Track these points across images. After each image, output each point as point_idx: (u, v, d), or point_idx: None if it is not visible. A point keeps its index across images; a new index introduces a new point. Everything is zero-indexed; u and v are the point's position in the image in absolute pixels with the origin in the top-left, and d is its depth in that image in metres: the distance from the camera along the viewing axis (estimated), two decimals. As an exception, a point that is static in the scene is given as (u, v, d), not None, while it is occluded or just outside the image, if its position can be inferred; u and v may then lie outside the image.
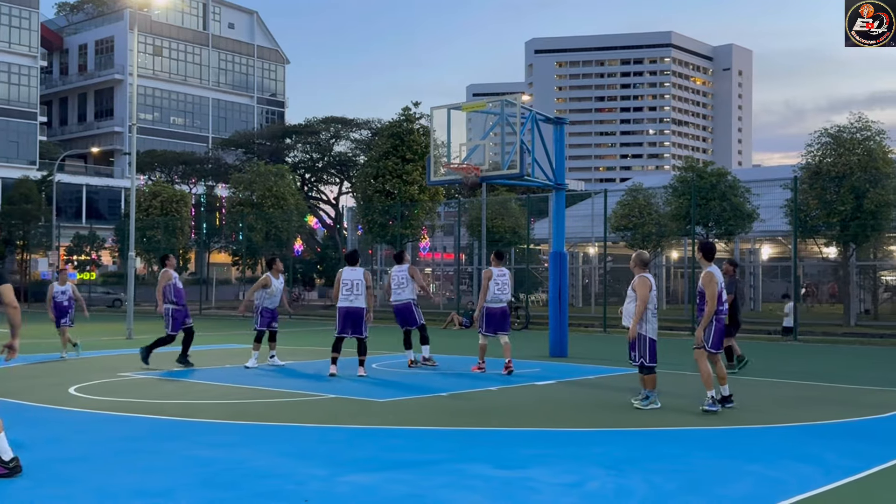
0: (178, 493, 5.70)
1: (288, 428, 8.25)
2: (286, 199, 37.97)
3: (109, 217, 62.11)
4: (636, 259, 9.78)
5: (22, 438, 7.70)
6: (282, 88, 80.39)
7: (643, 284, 9.43)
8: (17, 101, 62.21)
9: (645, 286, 9.40)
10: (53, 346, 17.15)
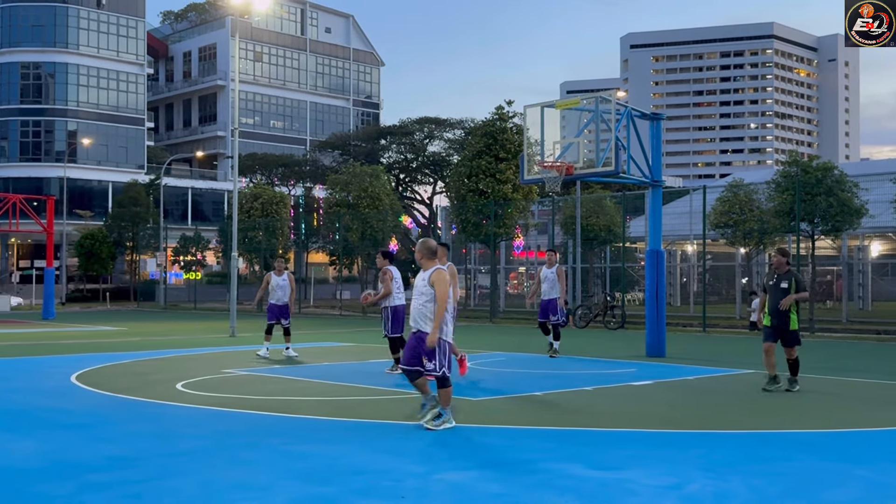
0: (277, 487, 5.84)
1: (384, 425, 8.36)
2: (381, 199, 38.43)
3: (213, 218, 64.20)
4: (423, 248, 8.16)
5: (133, 433, 8.03)
6: (377, 90, 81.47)
7: (442, 280, 7.92)
8: (125, 107, 64.93)
9: (445, 281, 7.92)
10: (165, 344, 17.75)
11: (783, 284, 10.75)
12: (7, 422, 8.55)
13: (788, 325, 10.70)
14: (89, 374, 12.55)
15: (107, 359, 14.98)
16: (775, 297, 10.75)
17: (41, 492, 5.70)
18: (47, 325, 27.80)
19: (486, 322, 30.38)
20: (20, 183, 59.11)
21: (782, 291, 10.72)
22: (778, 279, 10.85)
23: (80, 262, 52.53)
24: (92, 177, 62.42)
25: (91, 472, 6.25)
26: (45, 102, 62.38)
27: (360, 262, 41.54)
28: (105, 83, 64.04)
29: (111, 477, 6.13)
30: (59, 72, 62.37)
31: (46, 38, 62.00)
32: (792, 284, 10.74)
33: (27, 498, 5.56)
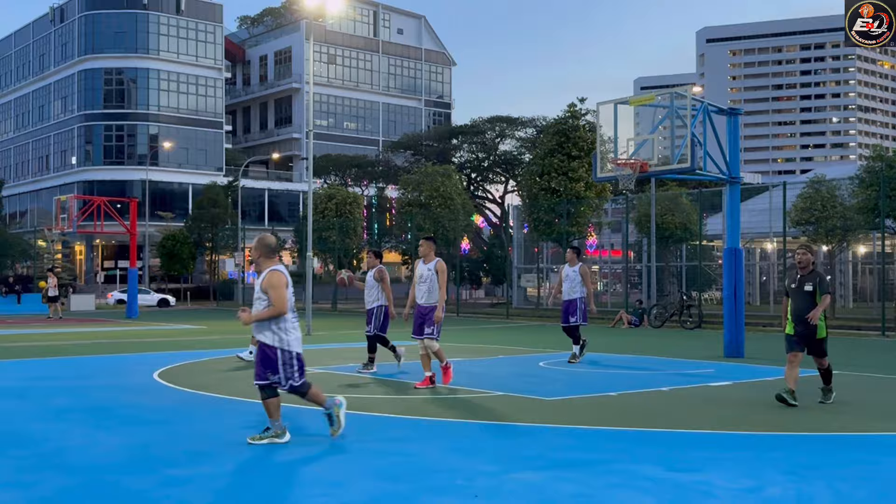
0: (352, 483, 5.91)
1: (458, 424, 8.37)
2: (453, 198, 38.53)
3: (289, 219, 65.32)
4: (260, 245, 7.35)
5: (213, 429, 8.22)
6: (448, 90, 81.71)
7: (279, 283, 7.11)
8: (204, 111, 66.54)
9: (282, 284, 7.12)
10: (244, 342, 18.10)
11: (807, 287, 9.53)
12: (93, 417, 8.85)
13: (816, 333, 9.52)
14: (171, 371, 12.89)
15: (187, 356, 15.37)
16: (799, 301, 9.57)
17: (125, 485, 5.87)
18: (130, 324, 28.68)
19: (558, 322, 30.15)
20: (104, 186, 61.13)
21: (806, 295, 9.51)
22: (801, 281, 9.61)
23: (162, 263, 54.05)
24: (173, 179, 64.16)
25: (172, 467, 6.42)
26: (127, 107, 64.36)
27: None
28: (185, 88, 65.75)
29: (191, 472, 6.29)
30: (141, 77, 64.27)
31: (128, 45, 63.95)
32: (816, 287, 9.51)
33: (112, 491, 5.73)
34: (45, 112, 70.25)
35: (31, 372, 13.06)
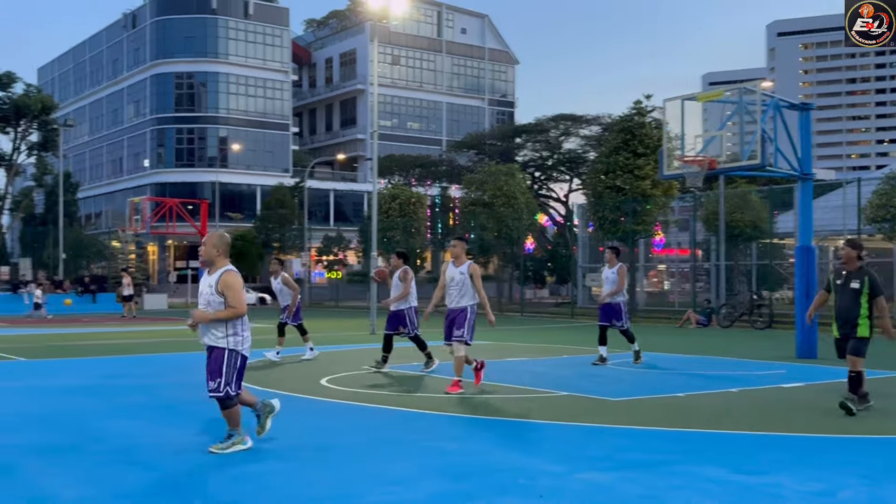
0: (416, 482, 5.94)
1: (522, 423, 8.35)
2: (517, 197, 38.39)
3: (354, 219, 65.97)
4: (222, 243, 7.07)
5: (281, 426, 8.36)
6: (512, 89, 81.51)
7: (237, 284, 6.86)
8: (272, 113, 67.64)
9: (240, 285, 6.90)
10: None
11: (853, 284, 8.87)
12: (164, 415, 9.07)
13: (856, 331, 8.84)
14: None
15: (255, 355, 15.59)
16: (843, 298, 8.94)
17: (198, 482, 6.01)
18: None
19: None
20: (176, 188, 62.60)
21: (851, 293, 8.86)
22: (847, 278, 8.96)
23: (232, 263, 55.06)
24: (241, 181, 65.36)
25: (241, 464, 6.55)
26: (197, 110, 65.79)
27: (495, 261, 41.68)
28: (253, 91, 66.93)
29: (261, 468, 6.40)
30: (211, 81, 65.63)
31: (198, 49, 65.36)
32: (865, 285, 8.83)
33: (185, 487, 5.88)
34: (119, 116, 72.26)
35: (106, 370, 13.45)
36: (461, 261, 10.58)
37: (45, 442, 7.41)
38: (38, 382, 11.91)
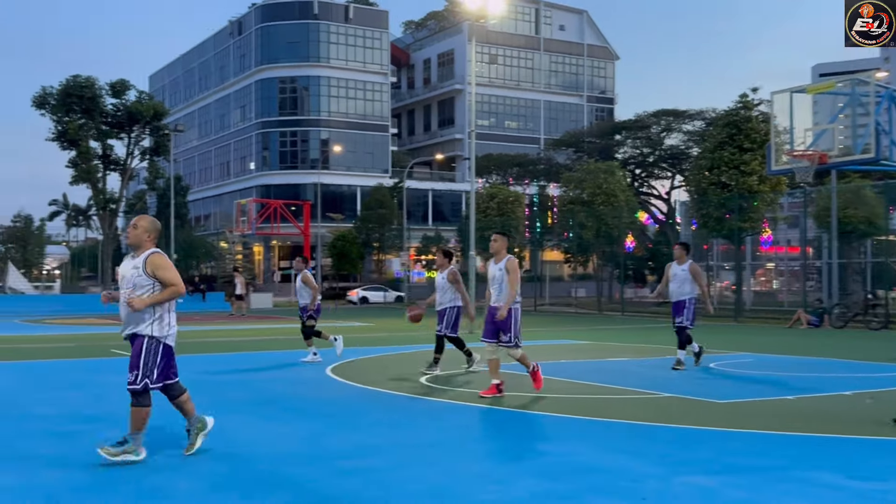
0: (515, 481, 5.90)
1: (623, 424, 8.20)
2: (616, 195, 37.88)
3: (452, 219, 66.31)
4: (153, 228, 6.61)
5: (381, 423, 8.44)
6: (611, 85, 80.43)
7: (168, 263, 6.53)
8: (371, 115, 68.66)
9: (171, 263, 6.58)
10: (410, 339, 18.46)
11: None
12: (267, 410, 9.29)
13: None
14: (342, 366, 13.36)
15: (358, 353, 15.88)
16: None
17: (299, 475, 6.12)
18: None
19: (731, 321, 29.05)
20: (280, 190, 64.24)
21: None
22: None
23: (333, 262, 56.21)
24: (342, 182, 66.59)
25: (342, 459, 6.64)
26: (300, 114, 67.36)
27: (595, 260, 41.19)
28: (353, 93, 68.08)
29: (360, 464, 6.47)
30: (313, 84, 67.09)
31: (301, 54, 66.92)
32: None
33: (284, 481, 5.99)
34: (226, 121, 74.66)
35: (214, 366, 13.89)
36: (501, 256, 10.02)
37: (153, 435, 7.69)
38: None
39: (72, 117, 47.80)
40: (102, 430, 7.84)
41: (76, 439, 7.45)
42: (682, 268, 13.01)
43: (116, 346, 18.23)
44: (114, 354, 16.21)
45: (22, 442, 7.31)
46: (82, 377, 12.24)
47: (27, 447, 7.08)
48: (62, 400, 9.98)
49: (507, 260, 9.92)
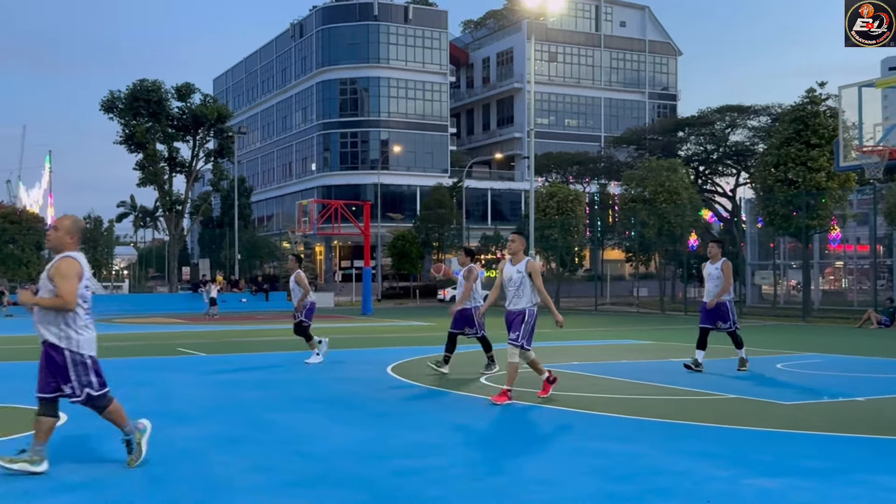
0: (575, 482, 5.86)
1: (687, 426, 8.08)
2: (679, 193, 37.34)
3: (511, 218, 66.16)
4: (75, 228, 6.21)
5: (440, 422, 8.47)
6: (674, 81, 79.31)
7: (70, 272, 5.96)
8: (430, 115, 68.88)
9: (73, 273, 5.98)
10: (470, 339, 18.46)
11: None
12: (329, 408, 9.39)
13: None
14: (402, 365, 13.43)
15: (418, 352, 15.94)
16: None
17: (361, 473, 6.18)
18: (365, 320, 30.24)
19: (799, 321, 28.41)
20: (340, 190, 64.88)
21: None
22: None
23: (393, 262, 56.53)
24: (402, 182, 66.95)
25: (402, 458, 6.67)
26: (360, 115, 67.94)
27: (657, 259, 40.69)
28: (412, 94, 68.39)
29: (419, 463, 6.50)
30: (373, 85, 67.61)
31: (361, 55, 67.49)
32: None
33: (346, 479, 6.05)
34: (288, 122, 75.69)
35: (277, 364, 14.10)
36: (518, 258, 9.58)
37: (220, 432, 7.84)
38: (215, 376, 12.63)
39: (139, 121, 48.99)
40: (168, 426, 8.02)
41: (144, 435, 7.63)
42: (715, 266, 12.51)
43: (182, 344, 18.63)
44: (180, 353, 16.58)
45: (92, 441, 7.51)
46: (150, 375, 12.55)
47: (97, 446, 7.28)
48: (131, 397, 10.24)
49: (526, 262, 9.52)
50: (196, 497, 5.49)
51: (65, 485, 5.78)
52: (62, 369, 6.00)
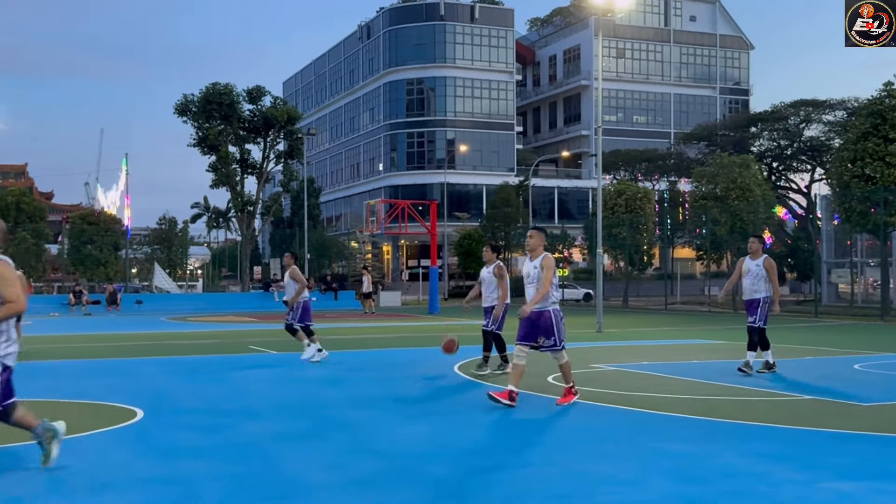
0: (648, 483, 5.79)
1: (761, 427, 7.91)
2: (752, 190, 36.58)
3: (578, 216, 65.63)
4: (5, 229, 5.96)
5: (509, 422, 8.46)
6: (745, 76, 77.66)
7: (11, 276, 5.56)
8: (496, 114, 68.78)
9: (14, 276, 5.60)
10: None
11: None
12: (399, 406, 9.46)
13: None
14: (469, 364, 13.44)
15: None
16: None
17: (430, 472, 6.21)
18: (432, 319, 30.36)
19: (877, 320, 27.55)
20: (407, 190, 65.24)
21: None
22: None
23: (459, 261, 56.61)
24: (468, 181, 67.01)
25: (472, 457, 6.69)
26: (427, 115, 68.21)
27: (728, 257, 39.90)
28: (478, 93, 68.40)
29: (489, 462, 6.51)
30: (439, 85, 67.82)
31: (427, 56, 67.76)
32: None
33: (418, 477, 6.09)
34: (356, 123, 76.44)
35: (346, 363, 14.26)
36: (537, 253, 9.37)
37: (292, 429, 7.97)
38: (286, 374, 12.84)
39: (212, 123, 50.01)
40: (240, 423, 8.19)
41: (216, 432, 7.80)
42: (756, 263, 11.88)
43: (254, 342, 18.98)
44: (252, 351, 16.89)
45: (169, 434, 7.71)
46: (223, 373, 12.82)
47: (173, 439, 7.48)
48: (205, 394, 10.49)
49: (543, 257, 9.31)
50: (270, 493, 5.59)
51: (142, 479, 5.95)
52: None
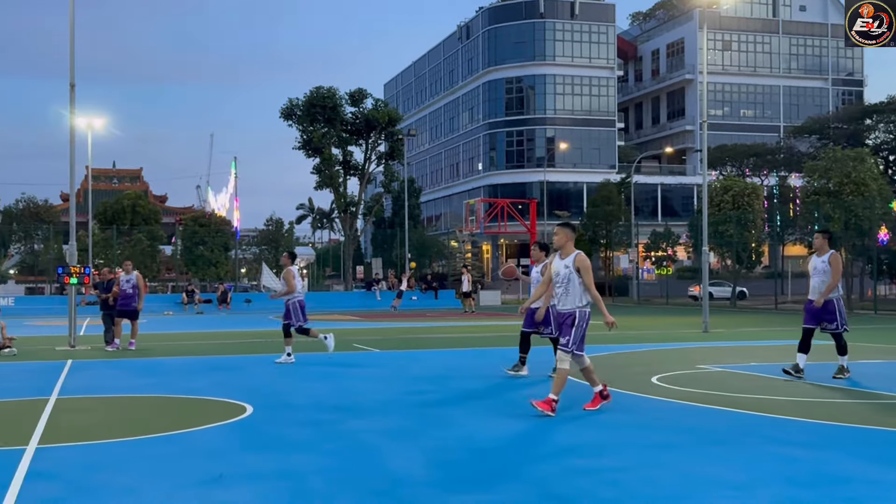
0: (757, 487, 5.62)
1: (878, 431, 7.58)
2: (867, 184, 35.08)
3: (682, 213, 64.22)
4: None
5: (613, 422, 8.36)
6: (859, 66, 74.43)
7: None
8: (597, 111, 67.98)
9: None
10: (640, 338, 18.14)
11: None
12: (498, 404, 9.46)
13: None
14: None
15: (588, 350, 15.78)
16: None
17: (532, 471, 6.19)
18: (533, 318, 30.13)
19: None
20: (506, 189, 65.21)
21: None
22: None
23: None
24: (568, 179, 66.45)
25: (574, 457, 6.63)
26: (526, 113, 67.98)
27: (843, 254, 38.32)
28: (578, 90, 67.75)
29: (593, 463, 6.44)
30: (538, 83, 67.48)
31: (526, 53, 67.52)
32: None
33: (521, 475, 6.08)
34: (455, 123, 76.83)
35: (446, 361, 14.36)
36: (568, 251, 8.70)
37: (396, 426, 8.07)
38: (388, 371, 13.02)
39: (315, 126, 51.12)
40: (346, 420, 8.35)
41: (322, 427, 7.98)
42: (822, 259, 11.07)
43: (357, 340, 19.32)
44: (356, 349, 17.20)
45: (277, 429, 7.93)
46: (328, 370, 13.10)
47: (281, 434, 7.68)
48: (311, 391, 10.74)
49: (575, 256, 8.65)
50: (375, 488, 5.68)
51: (255, 473, 6.14)
52: None
